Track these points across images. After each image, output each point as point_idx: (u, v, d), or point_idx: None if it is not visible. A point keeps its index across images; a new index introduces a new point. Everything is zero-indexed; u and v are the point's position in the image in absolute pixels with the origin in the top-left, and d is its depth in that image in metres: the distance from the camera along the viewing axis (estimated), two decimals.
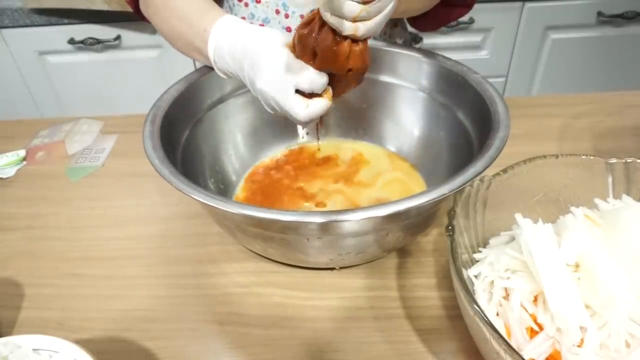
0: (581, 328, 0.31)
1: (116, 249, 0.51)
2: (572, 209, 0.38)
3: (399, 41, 0.71)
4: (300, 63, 0.37)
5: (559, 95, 0.73)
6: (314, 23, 0.36)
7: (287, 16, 0.59)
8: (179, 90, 0.50)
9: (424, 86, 0.54)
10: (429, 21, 0.57)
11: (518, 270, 0.35)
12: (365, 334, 0.41)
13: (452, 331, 0.41)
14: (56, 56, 1.29)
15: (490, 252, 0.38)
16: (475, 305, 0.31)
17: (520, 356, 0.28)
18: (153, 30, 1.25)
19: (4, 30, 1.24)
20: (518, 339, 0.33)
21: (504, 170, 0.41)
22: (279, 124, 0.57)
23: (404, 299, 0.44)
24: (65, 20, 1.21)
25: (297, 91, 0.38)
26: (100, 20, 1.21)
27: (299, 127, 0.59)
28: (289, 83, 0.38)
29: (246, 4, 0.60)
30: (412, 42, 0.79)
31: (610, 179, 0.41)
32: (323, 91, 0.38)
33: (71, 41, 1.25)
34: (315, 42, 0.36)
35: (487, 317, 0.30)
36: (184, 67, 1.26)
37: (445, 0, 0.57)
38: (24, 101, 1.38)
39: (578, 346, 0.31)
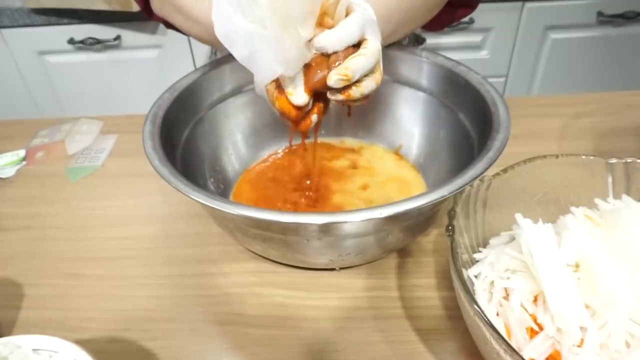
0: (581, 328, 0.31)
1: (116, 249, 0.51)
2: (572, 209, 0.38)
3: (403, 42, 0.71)
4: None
5: (559, 95, 0.73)
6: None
7: None
8: (179, 89, 0.50)
9: (425, 86, 0.54)
10: (433, 22, 0.57)
11: (518, 270, 0.35)
12: (366, 334, 0.41)
13: (452, 331, 0.41)
14: (56, 56, 1.29)
15: (490, 252, 0.38)
16: (475, 305, 0.31)
17: (520, 356, 0.28)
18: (153, 30, 1.26)
19: (4, 30, 1.24)
20: (518, 339, 0.33)
21: (504, 170, 0.41)
22: (279, 124, 0.57)
23: (404, 299, 0.44)
24: (65, 20, 1.21)
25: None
26: (100, 20, 1.22)
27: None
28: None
29: None
30: (415, 43, 0.79)
31: (610, 179, 0.41)
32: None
33: (71, 41, 1.25)
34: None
35: (487, 317, 0.30)
36: (184, 67, 1.27)
37: (450, 2, 0.57)
38: (24, 101, 1.38)
39: (578, 346, 0.31)
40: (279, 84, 0.40)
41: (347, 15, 0.38)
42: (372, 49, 0.37)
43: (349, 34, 0.37)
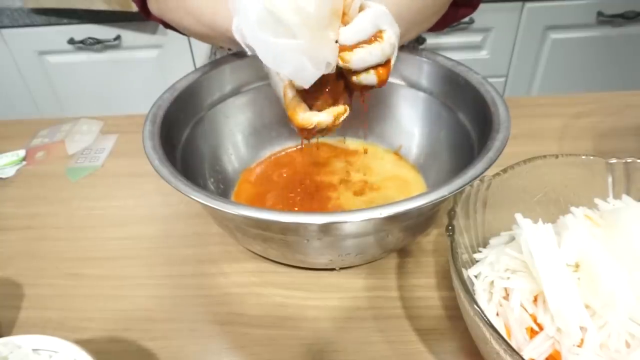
0: (581, 328, 0.31)
1: (116, 249, 0.51)
2: (572, 209, 0.38)
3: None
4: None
5: (559, 95, 0.73)
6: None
7: None
8: (179, 89, 0.50)
9: (425, 86, 0.54)
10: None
11: (518, 270, 0.35)
12: (366, 334, 0.41)
13: (452, 331, 0.41)
14: (56, 56, 1.29)
15: (490, 252, 0.38)
16: (475, 305, 0.31)
17: (520, 356, 0.28)
18: (153, 30, 1.26)
19: (4, 30, 1.24)
20: (518, 339, 0.33)
21: (504, 170, 0.41)
22: (279, 124, 0.57)
23: (404, 299, 0.44)
24: (65, 20, 1.21)
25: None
26: (100, 20, 1.22)
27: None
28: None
29: None
30: (415, 43, 0.79)
31: (610, 179, 0.41)
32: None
33: (71, 41, 1.25)
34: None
35: (487, 317, 0.30)
36: (184, 67, 1.27)
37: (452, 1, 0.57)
38: (24, 101, 1.38)
39: (578, 346, 0.31)
40: (296, 93, 0.41)
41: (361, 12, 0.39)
42: (384, 42, 0.38)
43: (362, 28, 0.38)
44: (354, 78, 0.40)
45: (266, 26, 0.35)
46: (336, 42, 0.38)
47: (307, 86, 0.38)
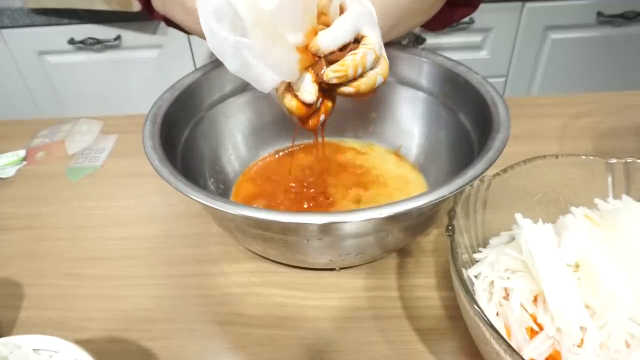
0: (581, 328, 0.31)
1: (116, 249, 0.51)
2: (572, 209, 0.38)
3: (403, 42, 0.71)
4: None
5: (559, 95, 0.73)
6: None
7: None
8: (179, 89, 0.50)
9: (425, 86, 0.54)
10: (434, 22, 0.57)
11: (518, 270, 0.35)
12: (365, 334, 0.41)
13: (452, 331, 0.41)
14: (56, 56, 1.29)
15: (490, 252, 0.38)
16: (475, 305, 0.31)
17: (520, 356, 0.28)
18: (153, 30, 1.26)
19: (4, 30, 1.24)
20: (518, 339, 0.33)
21: (504, 170, 0.41)
22: (279, 124, 0.57)
23: (404, 299, 0.44)
24: (65, 20, 1.21)
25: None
26: (100, 20, 1.22)
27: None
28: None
29: None
30: (415, 43, 0.79)
31: (610, 179, 0.41)
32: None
33: (71, 41, 1.25)
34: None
35: (487, 317, 0.30)
36: (184, 67, 1.27)
37: (451, 1, 0.56)
38: (24, 101, 1.38)
39: (578, 346, 0.31)
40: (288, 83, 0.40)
41: (342, 11, 0.37)
42: (370, 45, 0.37)
43: (342, 33, 0.36)
44: (363, 81, 0.38)
45: (223, 18, 0.34)
46: (308, 46, 0.36)
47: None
